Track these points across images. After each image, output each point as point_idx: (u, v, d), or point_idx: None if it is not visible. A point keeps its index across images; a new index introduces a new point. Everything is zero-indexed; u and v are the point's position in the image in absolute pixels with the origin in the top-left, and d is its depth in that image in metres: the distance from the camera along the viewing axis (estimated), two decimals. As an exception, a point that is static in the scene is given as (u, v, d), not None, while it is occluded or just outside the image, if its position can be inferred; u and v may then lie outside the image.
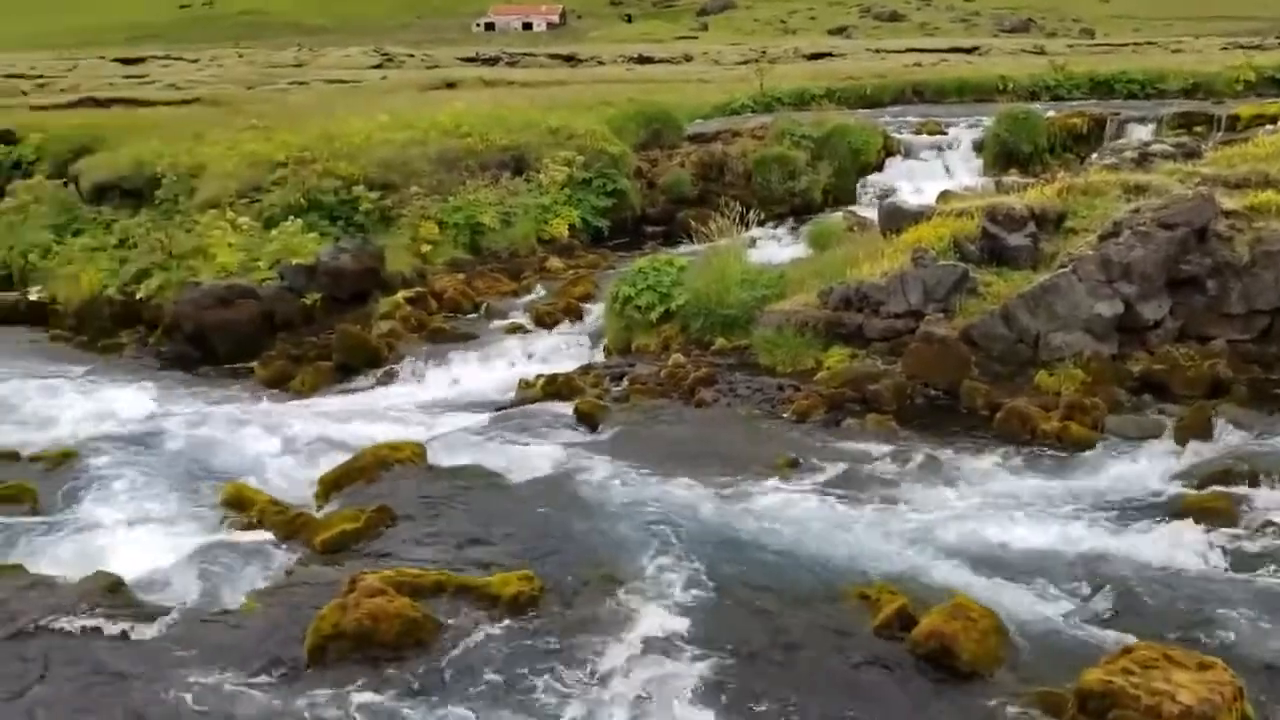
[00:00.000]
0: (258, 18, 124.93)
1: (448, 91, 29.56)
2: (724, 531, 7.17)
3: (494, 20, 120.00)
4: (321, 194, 15.05)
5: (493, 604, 6.31)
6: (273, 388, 11.49)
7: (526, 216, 15.73)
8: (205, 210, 14.99)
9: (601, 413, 9.42)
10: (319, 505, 8.07)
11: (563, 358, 11.51)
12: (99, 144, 20.78)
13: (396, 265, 13.91)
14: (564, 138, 17.55)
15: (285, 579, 6.88)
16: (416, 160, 16.23)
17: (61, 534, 7.77)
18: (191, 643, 6.02)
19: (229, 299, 12.68)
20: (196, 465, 9.19)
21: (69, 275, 14.83)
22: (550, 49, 67.72)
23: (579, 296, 13.01)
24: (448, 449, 8.95)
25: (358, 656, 5.80)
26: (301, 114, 21.43)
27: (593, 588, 6.54)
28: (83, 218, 17.37)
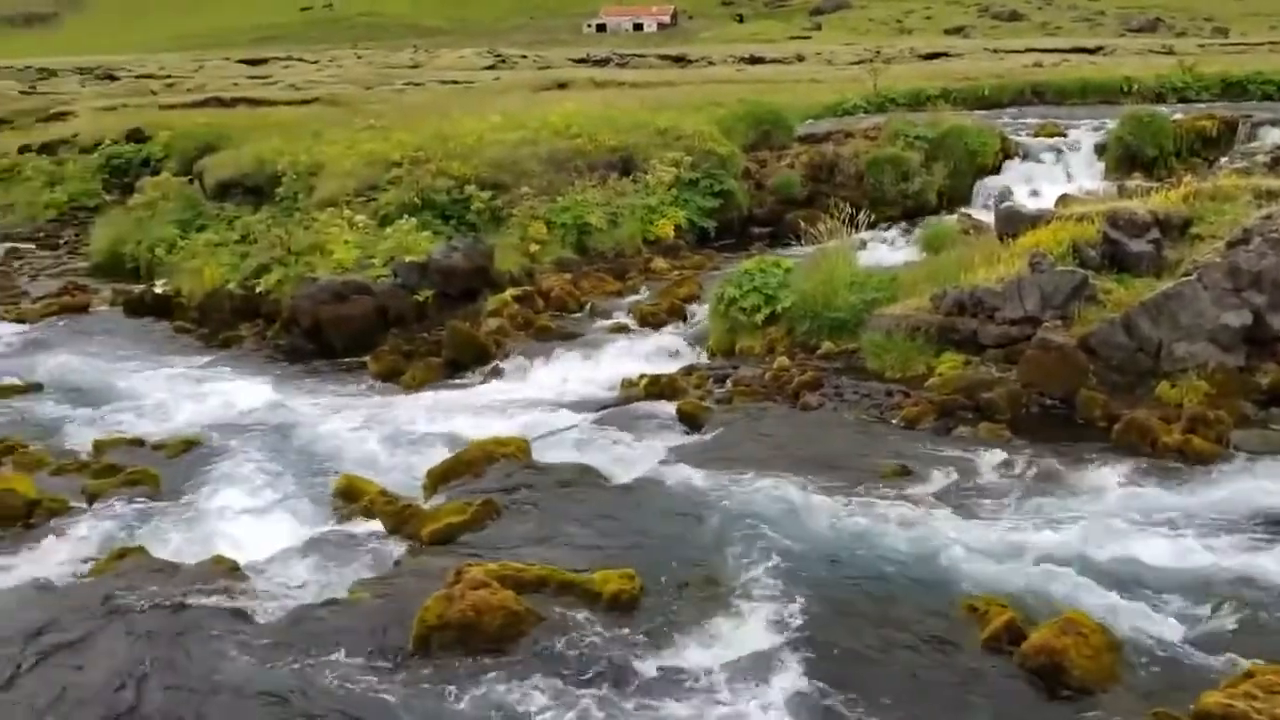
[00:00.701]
0: (376, 19, 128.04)
1: (559, 92, 29.86)
2: (828, 538, 7.07)
3: (605, 21, 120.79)
4: (435, 193, 15.33)
5: (594, 601, 6.34)
6: (384, 381, 11.73)
7: (633, 217, 15.77)
8: (323, 208, 15.38)
9: (704, 414, 9.39)
10: (426, 497, 8.21)
11: (666, 358, 11.50)
12: (223, 142, 21.56)
13: (505, 264, 14.08)
14: (672, 138, 17.55)
15: (393, 569, 7.02)
16: (527, 160, 16.41)
17: (182, 518, 8.06)
18: (303, 627, 6.19)
19: (344, 295, 12.97)
20: (310, 455, 9.43)
21: (193, 269, 15.32)
22: (660, 50, 67.90)
23: (683, 297, 13.00)
24: (551, 446, 9.03)
25: (461, 647, 5.88)
26: (417, 114, 21.87)
27: (693, 589, 6.52)
28: (207, 214, 17.98)
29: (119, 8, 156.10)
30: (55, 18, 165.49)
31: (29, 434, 10.11)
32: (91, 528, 7.82)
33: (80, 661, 5.76)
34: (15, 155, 28.66)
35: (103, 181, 24.69)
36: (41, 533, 7.74)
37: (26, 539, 7.64)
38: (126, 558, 7.04)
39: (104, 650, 5.86)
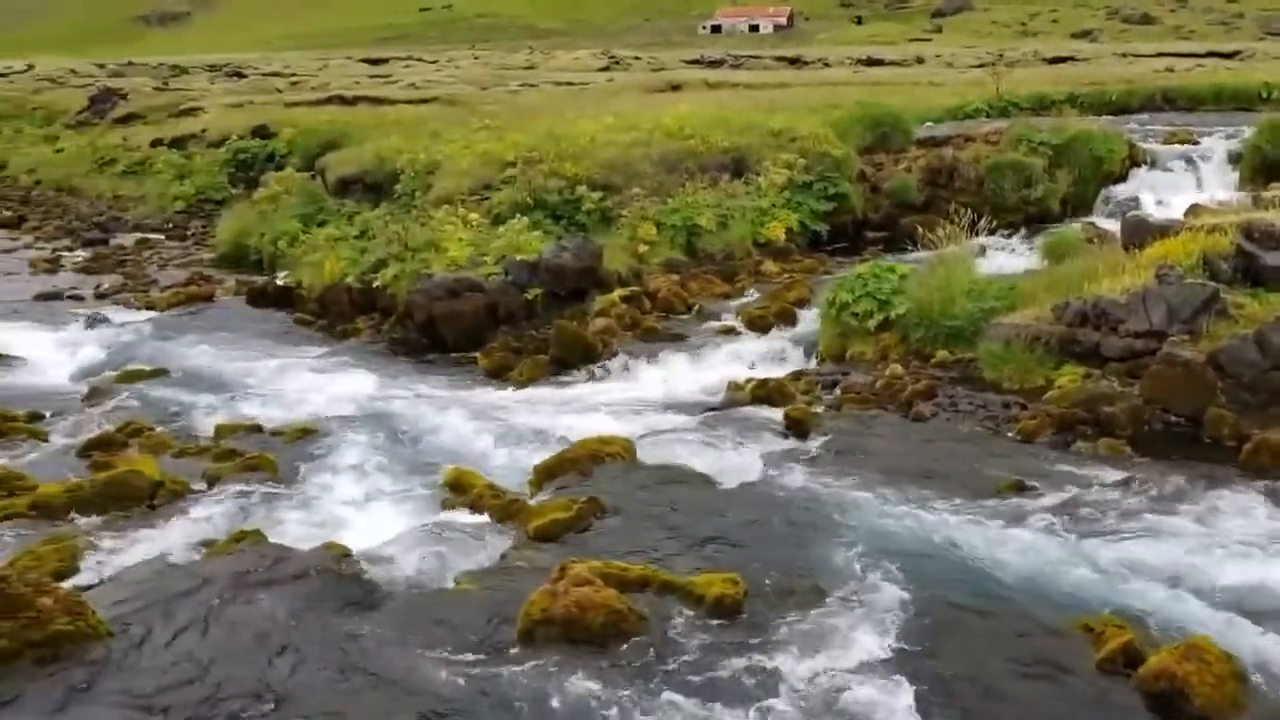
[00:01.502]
0: (493, 20, 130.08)
1: (672, 93, 29.89)
2: (938, 551, 6.91)
3: (720, 22, 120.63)
4: (547, 193, 15.47)
5: (696, 603, 6.31)
6: (493, 377, 11.88)
7: (743, 219, 15.67)
8: (439, 206, 15.65)
9: (812, 420, 9.27)
10: (532, 493, 8.28)
11: (774, 362, 11.41)
12: (344, 140, 22.12)
13: (614, 264, 14.13)
14: (786, 140, 17.39)
15: (499, 561, 7.09)
16: (638, 162, 16.45)
17: (297, 504, 8.28)
18: (411, 616, 6.29)
19: (457, 291, 13.19)
20: (420, 447, 9.60)
21: (313, 263, 15.74)
22: (776, 51, 67.50)
23: (793, 301, 12.86)
24: (656, 446, 9.02)
25: (564, 642, 5.91)
26: (531, 115, 22.14)
27: (797, 597, 6.44)
28: (328, 209, 18.46)
29: (249, 7, 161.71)
30: (188, 16, 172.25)
31: (155, 417, 10.51)
32: (211, 510, 8.08)
33: (198, 640, 5.94)
34: (148, 149, 29.92)
35: (229, 175, 25.57)
36: (165, 513, 8.02)
37: (151, 519, 7.93)
38: (244, 540, 7.25)
39: (220, 630, 6.04)
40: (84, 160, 31.74)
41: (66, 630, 5.74)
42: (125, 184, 28.25)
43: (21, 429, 10.27)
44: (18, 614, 5.66)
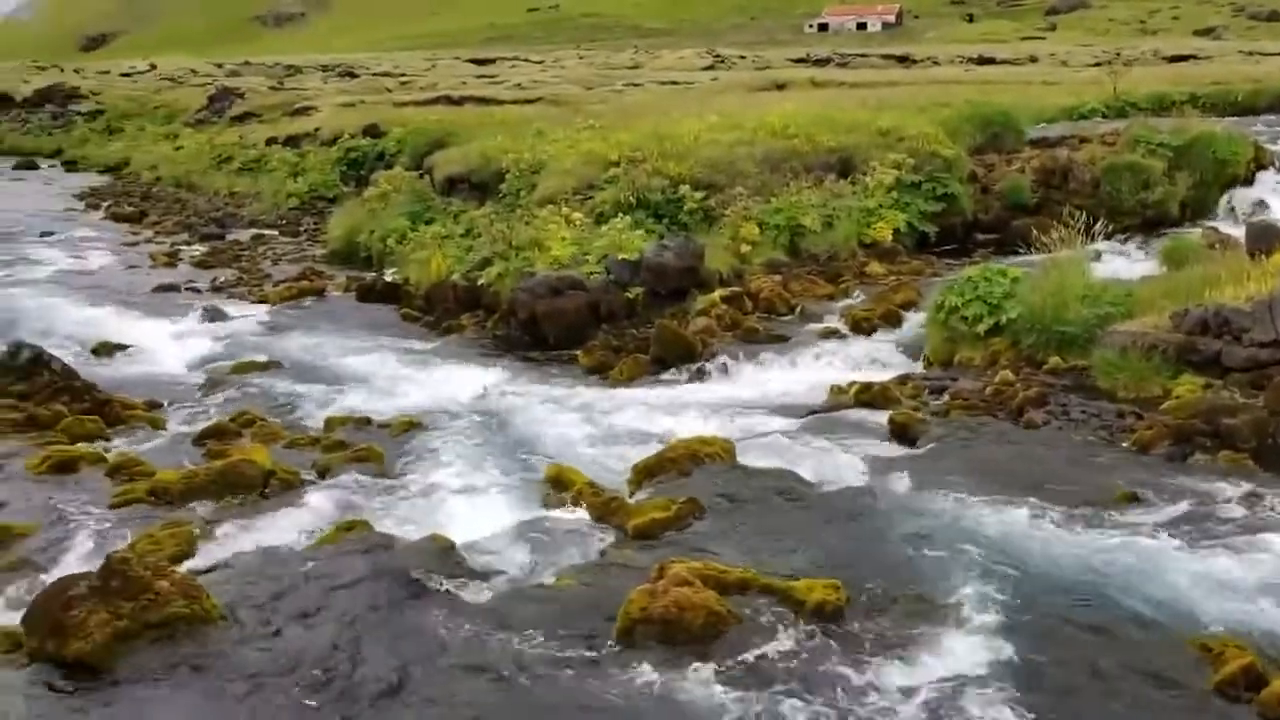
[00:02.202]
0: (599, 20, 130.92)
1: (777, 92, 29.69)
2: (1048, 564, 6.72)
3: (827, 21, 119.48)
4: (649, 192, 15.48)
5: (797, 608, 6.24)
6: (593, 375, 11.94)
7: (849, 219, 15.46)
8: (543, 205, 15.80)
9: (918, 426, 9.09)
10: (631, 491, 8.29)
11: (878, 366, 11.23)
12: (452, 139, 22.48)
13: (715, 264, 14.08)
14: (894, 140, 17.12)
15: (598, 559, 7.12)
16: (742, 161, 16.37)
17: (403, 495, 8.42)
18: (512, 609, 6.35)
19: (560, 289, 13.29)
20: (522, 443, 9.68)
21: (420, 260, 16.03)
22: (884, 49, 66.62)
23: (899, 303, 12.64)
24: (756, 448, 8.95)
25: (662, 642, 5.89)
26: (635, 114, 22.20)
27: (900, 606, 6.32)
28: (435, 207, 18.79)
29: (361, 8, 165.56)
30: (303, 17, 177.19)
31: (267, 408, 10.81)
32: (321, 499, 8.25)
33: (306, 626, 6.09)
34: (263, 147, 30.84)
35: (340, 173, 26.16)
36: (276, 502, 8.24)
37: (263, 507, 8.15)
38: (352, 530, 7.40)
39: (328, 617, 6.18)
40: (202, 157, 32.86)
41: (183, 613, 5.93)
42: (241, 181, 29.15)
43: (141, 417, 10.67)
44: (138, 596, 5.87)
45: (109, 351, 13.54)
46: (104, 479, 8.80)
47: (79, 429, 10.01)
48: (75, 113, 54.40)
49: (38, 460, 9.11)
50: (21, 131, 53.56)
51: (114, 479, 8.77)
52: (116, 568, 5.97)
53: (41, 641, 5.78)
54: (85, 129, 51.29)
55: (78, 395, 10.76)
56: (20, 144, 51.10)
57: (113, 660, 5.68)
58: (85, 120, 52.84)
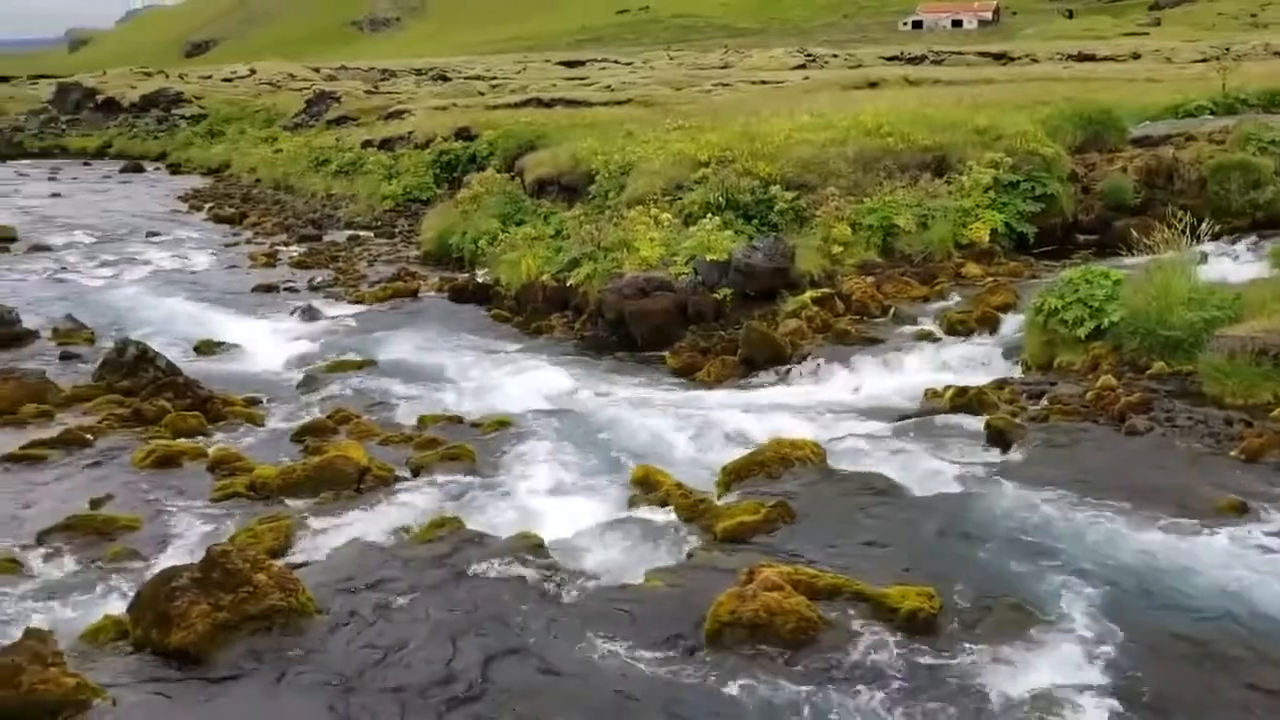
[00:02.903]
0: (689, 21, 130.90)
1: (870, 91, 29.32)
2: (1151, 575, 6.49)
3: (922, 18, 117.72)
4: (739, 193, 15.39)
5: (889, 616, 6.13)
6: (681, 377, 11.91)
7: (944, 219, 15.15)
8: (632, 206, 15.82)
9: (1016, 431, 8.86)
10: (719, 493, 8.24)
11: (974, 369, 10.98)
12: (542, 141, 22.67)
13: (806, 265, 13.93)
14: (991, 138, 16.72)
15: (686, 560, 7.09)
16: (834, 160, 16.17)
17: (494, 493, 8.49)
18: (600, 607, 6.36)
19: (648, 290, 13.29)
20: (610, 443, 9.70)
21: (511, 261, 16.20)
22: (980, 47, 65.43)
23: (996, 306, 12.34)
24: (847, 452, 8.83)
25: (751, 646, 5.85)
26: (725, 114, 22.10)
27: (997, 616, 6.16)
28: (525, 209, 18.96)
29: (455, 13, 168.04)
30: (398, 22, 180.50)
31: (363, 406, 11.00)
32: (414, 496, 8.38)
33: (398, 621, 6.18)
34: (359, 150, 31.46)
35: (434, 176, 26.56)
36: (370, 498, 8.38)
37: (358, 503, 8.30)
38: (444, 527, 7.48)
39: (420, 613, 6.26)
40: (300, 160, 33.65)
41: (280, 605, 6.06)
42: (338, 183, 29.78)
43: (240, 413, 10.95)
44: (237, 588, 6.01)
45: (211, 349, 13.94)
46: (205, 473, 9.06)
47: (182, 425, 10.31)
48: (179, 117, 56.24)
49: (143, 455, 9.42)
50: (129, 135, 55.57)
51: (214, 473, 9.02)
52: (217, 560, 6.12)
53: (146, 630, 5.96)
54: (188, 132, 53.00)
55: (181, 392, 11.08)
56: (128, 147, 53.06)
57: (213, 650, 5.83)
58: (189, 124, 54.59)
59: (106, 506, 8.37)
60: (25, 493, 8.82)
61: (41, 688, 5.34)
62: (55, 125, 59.32)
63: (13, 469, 9.37)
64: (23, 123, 59.97)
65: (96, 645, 6.12)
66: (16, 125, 59.44)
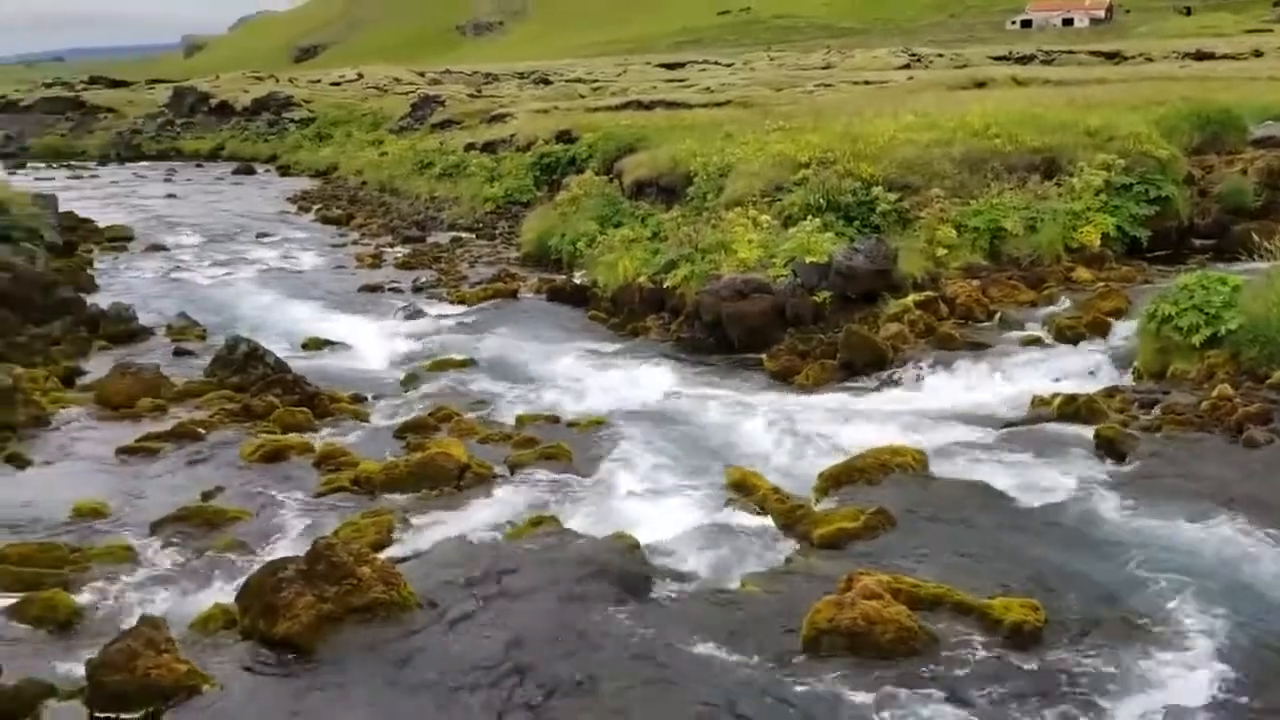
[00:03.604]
0: (790, 21, 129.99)
1: (976, 91, 28.72)
2: (1267, 592, 6.23)
3: (1031, 17, 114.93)
4: (840, 194, 15.20)
5: (992, 628, 5.99)
6: (779, 380, 11.79)
7: (1054, 222, 14.73)
8: (730, 207, 15.74)
9: (1127, 441, 8.57)
10: (817, 499, 8.14)
11: (1083, 377, 10.65)
12: (641, 143, 22.69)
13: (909, 268, 13.68)
14: (1103, 139, 16.21)
15: (783, 566, 7.02)
16: (939, 161, 15.86)
17: (589, 493, 8.54)
18: (695, 612, 6.34)
19: (745, 292, 13.20)
20: (705, 446, 9.67)
21: (608, 262, 16.25)
22: (1092, 46, 63.68)
23: (1107, 311, 11.96)
24: (950, 460, 8.66)
25: (849, 655, 5.77)
26: (826, 115, 21.86)
27: (1105, 631, 5.98)
28: (623, 211, 19.00)
29: (557, 17, 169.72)
30: (500, 26, 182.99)
31: (463, 404, 11.16)
32: (512, 494, 8.49)
33: (497, 618, 6.24)
34: (462, 153, 31.94)
35: (534, 178, 26.81)
36: (470, 495, 8.51)
37: (459, 498, 8.43)
38: (541, 525, 7.55)
39: (517, 610, 6.31)
40: (405, 163, 34.31)
41: (382, 599, 6.17)
42: (441, 185, 30.27)
43: (346, 409, 11.19)
44: (341, 580, 6.14)
45: (318, 347, 14.30)
46: (311, 468, 9.30)
47: (289, 420, 10.58)
48: (289, 120, 57.88)
49: (251, 448, 9.70)
50: (241, 138, 57.38)
51: (320, 468, 9.24)
52: (322, 553, 6.26)
53: (254, 620, 6.12)
54: (298, 135, 54.51)
55: (289, 388, 11.39)
56: (239, 150, 54.80)
57: (317, 641, 5.96)
58: (298, 127, 56.15)
59: (217, 498, 8.64)
60: (140, 484, 9.16)
61: (155, 673, 5.52)
62: (171, 128, 61.54)
63: (129, 461, 9.74)
64: (140, 126, 62.33)
65: (206, 633, 6.31)
66: (135, 128, 61.82)
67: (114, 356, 13.37)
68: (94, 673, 5.58)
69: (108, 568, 7.28)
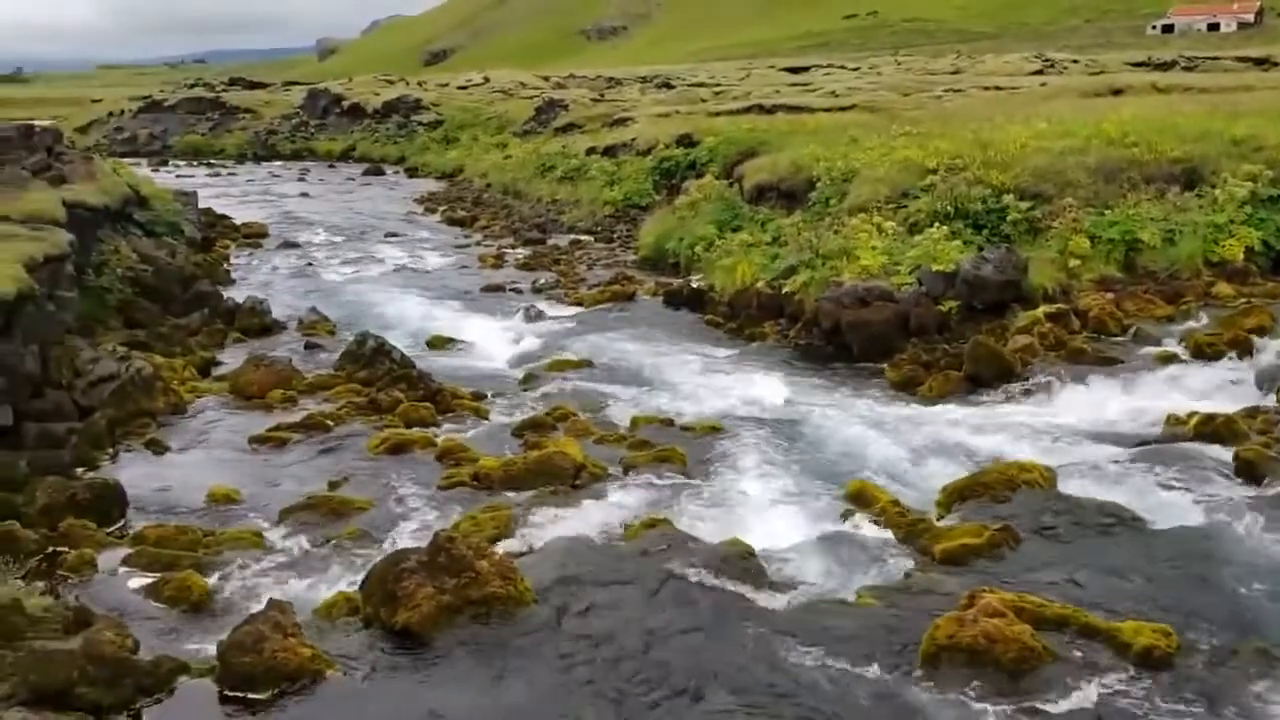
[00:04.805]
0: (919, 25, 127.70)
1: (1112, 98, 27.78)
2: None
3: (1173, 21, 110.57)
4: (969, 202, 14.85)
5: (1120, 652, 5.79)
6: (900, 390, 11.58)
7: (1194, 235, 14.13)
8: (854, 213, 15.52)
9: (1269, 464, 8.17)
10: (939, 514, 7.97)
11: (1223, 396, 10.18)
12: (762, 148, 22.54)
13: (1039, 279, 13.28)
14: (1250, 149, 15.50)
15: (902, 580, 6.89)
16: (1073, 170, 15.37)
17: (703, 497, 8.52)
18: (810, 622, 6.26)
19: (867, 300, 13.00)
20: (823, 455, 9.56)
21: (726, 267, 16.19)
22: (1239, 51, 60.98)
23: (1250, 328, 11.40)
24: (1079, 478, 8.38)
25: (970, 673, 5.64)
26: (955, 121, 21.42)
27: (1241, 660, 5.73)
28: (743, 215, 18.92)
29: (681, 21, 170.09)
30: (625, 30, 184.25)
31: (579, 404, 11.24)
32: (626, 495, 8.53)
33: (610, 616, 6.28)
34: (583, 156, 32.23)
35: (653, 182, 26.87)
36: (586, 494, 8.57)
37: (574, 497, 8.50)
38: (655, 527, 7.56)
39: (631, 610, 6.34)
40: (528, 166, 34.77)
41: (499, 593, 6.26)
42: (562, 189, 30.60)
43: (467, 406, 11.39)
44: (460, 573, 6.25)
45: (442, 344, 14.60)
46: (433, 462, 9.49)
47: (413, 415, 10.82)
48: (417, 123, 59.25)
49: (377, 441, 9.95)
50: (371, 140, 58.95)
51: (442, 462, 9.43)
52: (443, 545, 6.38)
53: (376, 608, 6.27)
54: (425, 138, 55.76)
55: (413, 384, 11.66)
56: (370, 151, 56.33)
57: (435, 631, 6.09)
58: (426, 130, 57.43)
59: (342, 488, 8.89)
60: (270, 472, 9.49)
61: (281, 656, 5.71)
62: (305, 129, 63.60)
63: (260, 450, 10.09)
64: (276, 126, 64.58)
65: (330, 619, 6.50)
66: (271, 129, 64.07)
67: (248, 349, 13.89)
68: (224, 653, 5.79)
69: (238, 552, 7.55)
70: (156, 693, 5.69)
